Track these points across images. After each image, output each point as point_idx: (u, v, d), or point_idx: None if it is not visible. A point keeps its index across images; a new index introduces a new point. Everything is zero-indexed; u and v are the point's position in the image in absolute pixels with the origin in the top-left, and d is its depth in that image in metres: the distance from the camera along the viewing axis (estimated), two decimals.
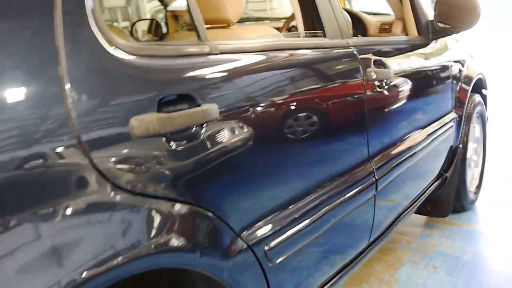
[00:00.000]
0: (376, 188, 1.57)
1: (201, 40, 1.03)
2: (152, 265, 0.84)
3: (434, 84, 2.13)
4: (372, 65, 1.57)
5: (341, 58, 1.47)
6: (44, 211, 0.68)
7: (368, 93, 1.53)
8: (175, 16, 2.38)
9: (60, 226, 0.70)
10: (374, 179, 1.56)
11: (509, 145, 4.19)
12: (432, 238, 2.53)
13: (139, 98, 0.84)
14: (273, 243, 1.14)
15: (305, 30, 1.50)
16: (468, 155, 2.64)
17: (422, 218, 2.75)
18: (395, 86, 1.72)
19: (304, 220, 1.24)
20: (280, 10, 5.06)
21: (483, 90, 2.88)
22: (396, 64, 1.80)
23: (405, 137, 1.84)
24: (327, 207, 1.33)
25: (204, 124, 0.93)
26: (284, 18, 2.66)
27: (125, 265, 0.77)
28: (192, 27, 1.05)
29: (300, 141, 1.23)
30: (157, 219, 0.85)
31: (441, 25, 2.11)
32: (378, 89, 1.58)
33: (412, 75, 1.91)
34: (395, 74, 1.71)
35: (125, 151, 0.81)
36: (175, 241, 0.87)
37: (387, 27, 2.30)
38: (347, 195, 1.42)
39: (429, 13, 2.18)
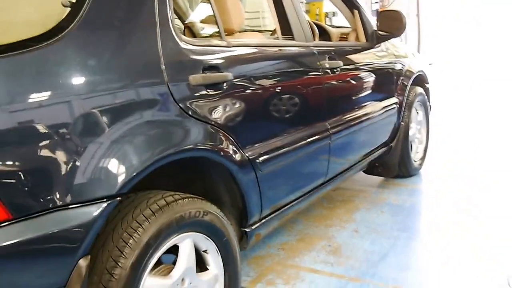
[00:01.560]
0: (330, 138, 2.39)
1: (222, 38, 1.86)
2: (198, 154, 1.64)
3: (376, 75, 2.97)
4: (327, 59, 2.41)
5: (304, 53, 2.31)
6: (157, 117, 1.49)
7: (324, 76, 2.36)
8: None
9: (159, 129, 1.49)
10: (328, 132, 2.39)
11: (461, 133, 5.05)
12: (383, 194, 3.36)
13: (193, 66, 1.66)
14: (261, 158, 1.94)
15: (282, 35, 2.33)
16: (411, 133, 3.47)
17: (377, 180, 3.59)
18: (344, 73, 2.56)
19: (284, 148, 2.06)
20: (270, 25, 6.00)
21: (426, 84, 3.74)
22: (345, 59, 2.64)
23: (352, 109, 2.68)
24: (298, 143, 2.15)
25: (224, 82, 1.75)
26: (272, 30, 3.52)
27: (186, 152, 1.57)
28: (218, 32, 1.88)
29: (280, 99, 2.06)
30: (202, 132, 1.65)
31: (382, 33, 2.96)
32: (331, 73, 2.41)
33: (357, 68, 2.76)
34: (344, 65, 2.55)
35: (186, 93, 1.62)
36: (211, 144, 1.68)
37: (344, 36, 3.15)
38: (312, 138, 2.25)
39: (374, 24, 3.03)
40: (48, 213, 1.23)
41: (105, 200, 1.32)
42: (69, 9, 1.36)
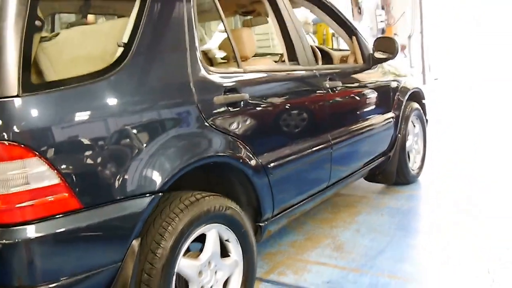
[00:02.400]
0: (332, 148, 2.76)
1: (239, 66, 2.26)
2: (221, 160, 2.02)
3: (373, 93, 3.35)
4: (327, 80, 2.79)
5: (307, 76, 2.70)
6: (188, 130, 1.87)
7: (325, 95, 2.74)
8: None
9: (190, 139, 1.88)
10: (330, 143, 2.76)
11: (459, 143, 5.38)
12: (383, 199, 3.70)
13: (217, 88, 2.05)
14: (272, 165, 2.31)
15: (288, 60, 2.72)
16: (408, 144, 3.83)
17: (378, 187, 3.94)
18: (343, 91, 2.94)
19: (291, 156, 2.44)
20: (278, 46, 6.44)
21: (422, 100, 4.11)
22: (345, 79, 3.02)
23: (350, 123, 3.05)
24: (304, 152, 2.53)
25: (241, 101, 2.14)
26: (280, 54, 3.93)
27: (211, 158, 1.95)
28: (235, 59, 2.28)
29: (287, 114, 2.45)
30: (224, 142, 2.03)
31: (378, 55, 3.34)
32: (331, 92, 2.79)
33: (355, 87, 3.15)
34: (343, 85, 2.93)
35: (211, 111, 2.01)
36: (231, 152, 2.06)
37: (345, 59, 3.54)
38: (315, 148, 2.62)
39: (370, 48, 3.42)
40: (110, 204, 1.62)
41: (151, 195, 1.71)
42: (122, 48, 1.77)
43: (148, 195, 1.70)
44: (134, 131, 1.70)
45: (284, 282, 2.53)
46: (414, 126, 3.98)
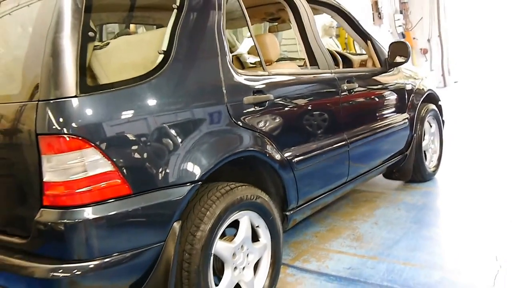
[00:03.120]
0: (348, 146, 2.99)
1: (264, 69, 2.51)
2: (250, 154, 2.26)
3: (389, 95, 3.57)
4: (345, 82, 3.03)
5: (326, 79, 2.94)
6: (221, 127, 2.13)
7: (342, 96, 2.98)
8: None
9: (223, 136, 2.13)
10: (347, 142, 2.99)
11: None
12: (400, 195, 3.91)
13: (246, 91, 2.31)
14: (296, 159, 2.55)
15: (309, 64, 2.97)
16: (425, 143, 4.03)
17: (395, 184, 4.15)
18: (360, 93, 3.17)
19: (312, 152, 2.68)
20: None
21: (439, 102, 4.30)
22: (362, 82, 3.25)
23: (366, 123, 3.27)
24: (323, 149, 2.76)
25: (267, 101, 2.39)
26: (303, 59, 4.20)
27: (242, 152, 2.20)
28: (260, 63, 2.53)
29: (308, 114, 2.70)
30: (252, 138, 2.28)
31: (392, 59, 3.56)
32: (348, 94, 3.03)
33: (371, 89, 3.38)
34: (360, 87, 3.16)
35: (241, 110, 2.26)
36: (259, 147, 2.31)
37: (364, 63, 3.76)
38: (333, 145, 2.86)
39: (386, 52, 3.64)
40: (156, 191, 1.88)
41: (190, 184, 1.96)
42: (162, 55, 2.03)
43: (188, 184, 1.96)
44: (174, 127, 1.96)
45: (308, 268, 2.76)
46: (431, 126, 4.18)
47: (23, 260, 1.78)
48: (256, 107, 2.34)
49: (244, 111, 2.28)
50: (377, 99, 3.46)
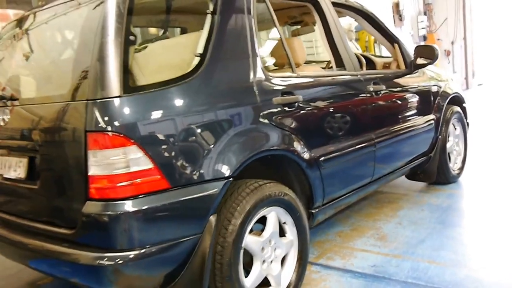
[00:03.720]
0: (375, 146, 3.05)
1: (293, 71, 2.59)
2: (280, 153, 2.34)
3: (415, 96, 3.61)
4: (371, 84, 3.08)
5: (353, 80, 3.00)
6: (252, 126, 2.21)
7: (368, 97, 3.03)
8: None
9: (254, 134, 2.21)
10: (373, 141, 3.04)
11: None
12: (424, 197, 3.93)
13: (275, 91, 2.39)
14: (323, 158, 2.62)
15: (336, 66, 3.03)
16: (449, 145, 4.04)
17: (419, 186, 4.17)
18: (386, 94, 3.22)
19: (339, 152, 2.74)
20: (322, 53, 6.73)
21: (463, 104, 4.31)
22: (388, 84, 3.30)
23: (392, 124, 3.32)
24: (350, 148, 2.82)
25: (296, 102, 2.47)
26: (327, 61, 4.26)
27: (273, 150, 2.28)
28: (289, 65, 2.61)
29: (335, 114, 2.76)
30: (281, 137, 2.36)
31: (419, 61, 3.60)
32: (374, 95, 3.08)
33: (397, 90, 3.42)
34: (386, 88, 3.21)
35: (271, 110, 2.34)
36: (289, 146, 2.38)
37: (387, 65, 3.81)
38: (360, 145, 2.91)
39: (411, 54, 3.68)
40: (192, 185, 1.97)
41: (225, 179, 2.05)
42: (199, 58, 2.13)
43: (222, 179, 2.05)
44: (209, 126, 2.06)
45: (333, 266, 2.82)
46: (455, 128, 4.19)
47: (70, 248, 1.89)
48: (286, 107, 2.41)
49: (275, 111, 2.35)
50: (402, 101, 3.51)
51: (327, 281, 2.65)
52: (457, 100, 4.22)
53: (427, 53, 3.54)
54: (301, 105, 2.51)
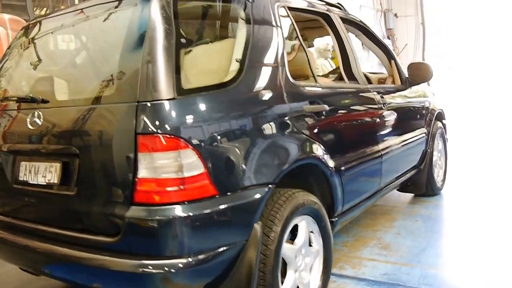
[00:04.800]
0: (382, 157, 3.15)
1: (316, 81, 2.65)
2: (312, 161, 2.37)
3: (412, 111, 3.77)
4: (380, 97, 3.20)
5: (365, 91, 3.10)
6: (284, 134, 2.24)
7: (377, 110, 3.14)
8: None
9: (289, 142, 2.24)
10: (380, 153, 3.14)
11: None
12: (414, 208, 4.09)
13: (304, 100, 2.42)
14: (343, 167, 2.67)
15: (348, 80, 3.12)
16: (434, 159, 4.23)
17: (406, 198, 4.33)
18: (391, 107, 3.35)
19: (357, 160, 2.81)
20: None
21: (443, 120, 4.54)
22: (391, 97, 3.43)
23: (397, 135, 3.45)
24: (363, 158, 2.90)
25: (323, 111, 2.52)
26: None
27: (307, 159, 2.31)
28: (312, 77, 2.67)
29: (357, 125, 2.85)
30: (311, 145, 2.39)
31: (413, 78, 3.76)
32: (383, 108, 3.19)
33: (400, 104, 3.56)
34: (389, 102, 3.33)
35: (301, 118, 2.37)
36: (318, 154, 2.41)
37: (382, 80, 3.95)
38: (371, 156, 3.01)
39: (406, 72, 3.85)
40: (238, 192, 1.95)
41: (267, 185, 2.05)
42: (238, 64, 2.13)
43: (264, 185, 2.04)
44: (252, 131, 2.07)
45: (346, 275, 2.87)
46: (438, 143, 4.39)
47: (114, 257, 1.81)
48: (314, 116, 2.46)
49: (305, 119, 2.40)
50: (404, 114, 3.66)
51: None
52: (440, 116, 4.43)
53: (421, 70, 3.71)
54: (327, 114, 2.56)
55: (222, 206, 1.88)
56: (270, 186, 2.07)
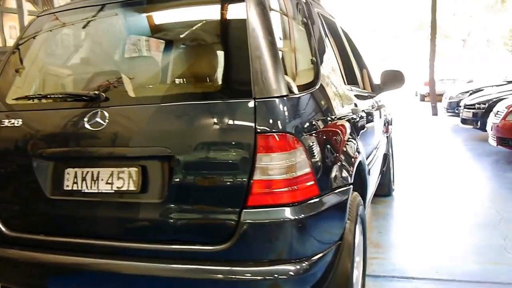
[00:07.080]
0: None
1: (345, 83, 2.72)
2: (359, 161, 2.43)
3: (383, 116, 4.03)
4: (375, 101, 3.39)
5: (369, 96, 3.26)
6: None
7: (376, 112, 3.33)
8: None
9: (353, 142, 2.28)
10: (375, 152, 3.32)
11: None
12: (379, 208, 4.34)
13: (352, 100, 2.48)
14: (370, 167, 2.76)
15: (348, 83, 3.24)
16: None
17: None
18: (373, 111, 3.54)
19: (374, 159, 2.93)
20: None
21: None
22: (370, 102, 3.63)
23: (377, 137, 3.66)
24: (376, 155, 3.05)
25: (360, 113, 2.61)
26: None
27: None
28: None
29: (371, 125, 2.98)
30: (362, 144, 2.44)
31: (384, 85, 4.02)
32: (376, 111, 3.39)
33: (376, 108, 3.79)
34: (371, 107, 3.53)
35: (354, 117, 2.43)
36: (361, 153, 2.48)
37: None
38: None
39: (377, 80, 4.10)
40: (333, 191, 1.92)
41: (349, 185, 2.06)
42: (313, 64, 2.11)
43: (348, 185, 2.05)
44: (339, 131, 2.08)
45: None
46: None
47: (227, 266, 1.67)
48: (357, 118, 2.53)
49: (355, 119, 2.47)
50: (379, 118, 3.87)
51: (367, 286, 2.78)
52: (391, 122, 4.80)
53: (394, 77, 3.97)
54: (362, 116, 2.65)
55: (325, 206, 1.82)
56: (350, 186, 2.08)
